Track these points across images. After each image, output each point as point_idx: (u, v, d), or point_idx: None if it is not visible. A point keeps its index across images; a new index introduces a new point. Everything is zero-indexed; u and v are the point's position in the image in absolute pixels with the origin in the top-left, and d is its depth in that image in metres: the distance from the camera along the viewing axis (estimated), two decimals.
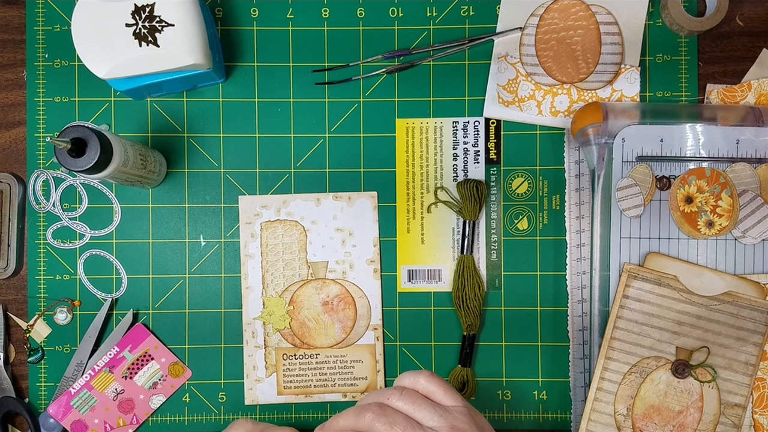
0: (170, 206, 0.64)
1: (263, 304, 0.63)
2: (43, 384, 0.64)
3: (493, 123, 0.64)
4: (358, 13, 0.64)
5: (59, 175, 0.64)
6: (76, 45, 0.56)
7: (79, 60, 0.61)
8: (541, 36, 0.63)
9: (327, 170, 0.64)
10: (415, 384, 0.51)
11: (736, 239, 0.60)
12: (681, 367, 0.59)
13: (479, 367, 0.64)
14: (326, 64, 0.64)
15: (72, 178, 0.64)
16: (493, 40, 0.64)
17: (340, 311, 0.63)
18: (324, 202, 0.64)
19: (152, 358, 0.63)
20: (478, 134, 0.64)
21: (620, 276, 0.60)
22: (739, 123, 0.59)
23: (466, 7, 0.64)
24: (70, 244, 0.64)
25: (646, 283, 0.59)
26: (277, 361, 0.63)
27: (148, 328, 0.64)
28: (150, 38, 0.56)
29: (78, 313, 0.64)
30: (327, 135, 0.64)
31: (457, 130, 0.64)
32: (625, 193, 0.60)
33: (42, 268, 0.64)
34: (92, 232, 0.64)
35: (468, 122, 0.64)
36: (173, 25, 0.56)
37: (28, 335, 0.64)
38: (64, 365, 0.63)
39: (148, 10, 0.56)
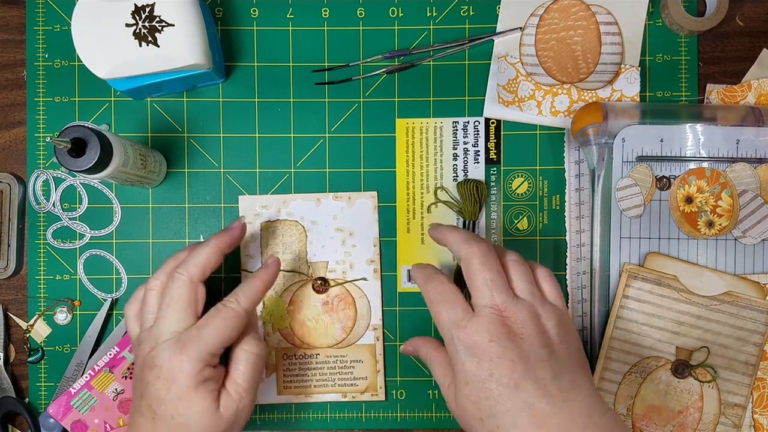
0: (170, 206, 0.64)
1: (263, 304, 0.63)
2: (43, 384, 0.64)
3: (493, 123, 0.64)
4: (358, 13, 0.64)
5: (59, 175, 0.64)
6: (76, 45, 0.56)
7: (79, 60, 0.61)
8: (541, 36, 0.63)
9: (327, 170, 0.64)
10: (534, 266, 0.53)
11: (736, 239, 0.60)
12: (681, 367, 0.59)
13: None
14: (326, 64, 0.64)
15: (72, 178, 0.64)
16: (493, 40, 0.64)
17: (340, 311, 0.63)
18: (324, 202, 0.64)
19: None
20: (478, 134, 0.64)
21: (620, 276, 0.60)
22: (739, 123, 0.59)
23: (466, 7, 0.64)
24: (70, 244, 0.64)
25: (646, 283, 0.59)
26: (277, 361, 0.63)
27: None
28: (150, 38, 0.56)
29: (78, 313, 0.64)
30: (327, 135, 0.64)
31: (457, 130, 0.64)
32: (625, 193, 0.60)
33: (42, 268, 0.64)
34: (92, 232, 0.64)
35: (468, 122, 0.64)
36: (173, 25, 0.56)
37: (28, 335, 0.64)
38: (64, 365, 0.63)
39: (148, 10, 0.56)
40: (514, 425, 0.46)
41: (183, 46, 0.56)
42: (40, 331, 0.64)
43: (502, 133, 0.64)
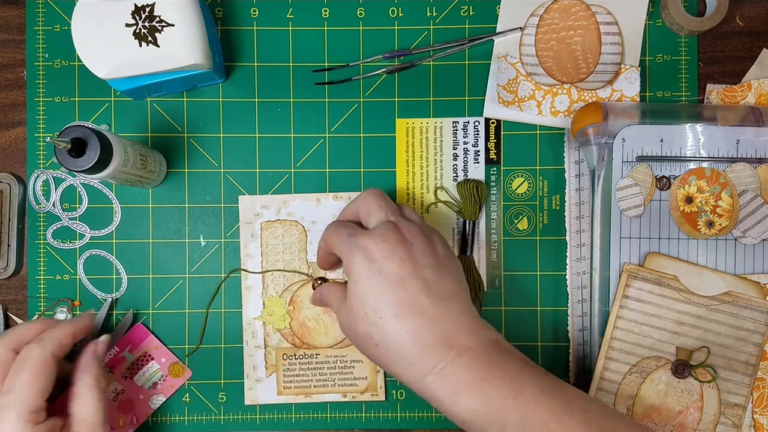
0: (170, 206, 0.64)
1: (263, 304, 0.63)
2: None
3: (493, 123, 0.64)
4: (358, 13, 0.65)
5: (59, 175, 0.64)
6: (76, 45, 0.56)
7: (79, 60, 0.61)
8: (541, 36, 0.63)
9: (327, 170, 0.64)
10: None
11: (736, 239, 0.60)
12: (681, 367, 0.59)
13: None
14: (326, 64, 0.64)
15: (72, 178, 0.64)
16: (493, 40, 0.64)
17: None
18: (324, 202, 0.64)
19: (152, 358, 0.63)
20: (478, 134, 0.64)
21: (620, 276, 0.60)
22: (739, 123, 0.59)
23: (466, 7, 0.64)
24: (70, 244, 0.64)
25: (646, 283, 0.59)
26: (277, 361, 0.63)
27: (148, 328, 0.64)
28: (150, 38, 0.56)
29: (78, 313, 0.64)
30: (327, 135, 0.64)
31: (457, 130, 0.64)
32: (625, 193, 0.60)
33: (42, 268, 0.64)
34: (92, 232, 0.64)
35: (468, 122, 0.64)
36: (173, 25, 0.56)
37: None
38: None
39: (148, 10, 0.56)
40: (397, 316, 0.49)
41: (183, 46, 0.56)
42: None
43: (502, 133, 0.64)
